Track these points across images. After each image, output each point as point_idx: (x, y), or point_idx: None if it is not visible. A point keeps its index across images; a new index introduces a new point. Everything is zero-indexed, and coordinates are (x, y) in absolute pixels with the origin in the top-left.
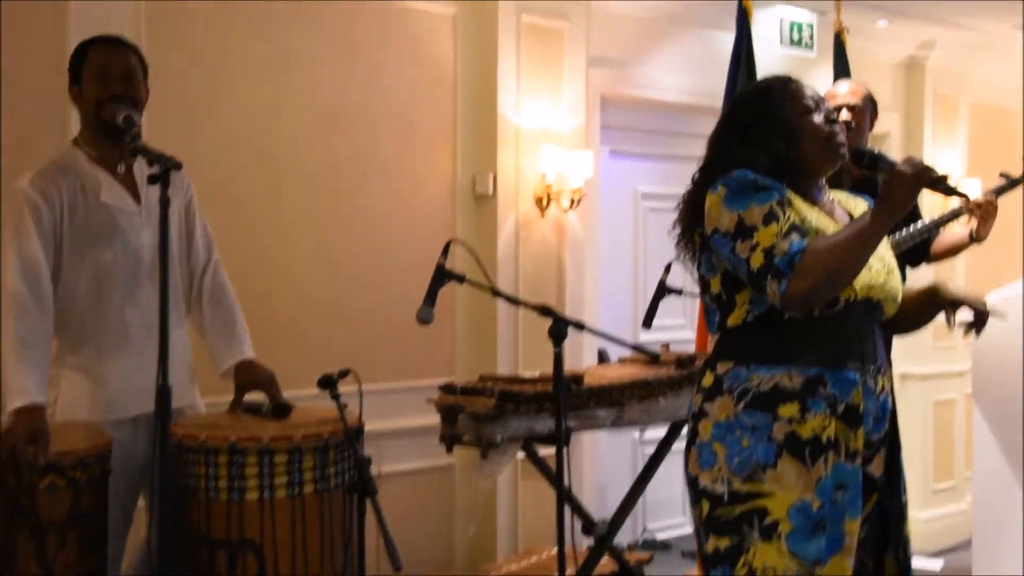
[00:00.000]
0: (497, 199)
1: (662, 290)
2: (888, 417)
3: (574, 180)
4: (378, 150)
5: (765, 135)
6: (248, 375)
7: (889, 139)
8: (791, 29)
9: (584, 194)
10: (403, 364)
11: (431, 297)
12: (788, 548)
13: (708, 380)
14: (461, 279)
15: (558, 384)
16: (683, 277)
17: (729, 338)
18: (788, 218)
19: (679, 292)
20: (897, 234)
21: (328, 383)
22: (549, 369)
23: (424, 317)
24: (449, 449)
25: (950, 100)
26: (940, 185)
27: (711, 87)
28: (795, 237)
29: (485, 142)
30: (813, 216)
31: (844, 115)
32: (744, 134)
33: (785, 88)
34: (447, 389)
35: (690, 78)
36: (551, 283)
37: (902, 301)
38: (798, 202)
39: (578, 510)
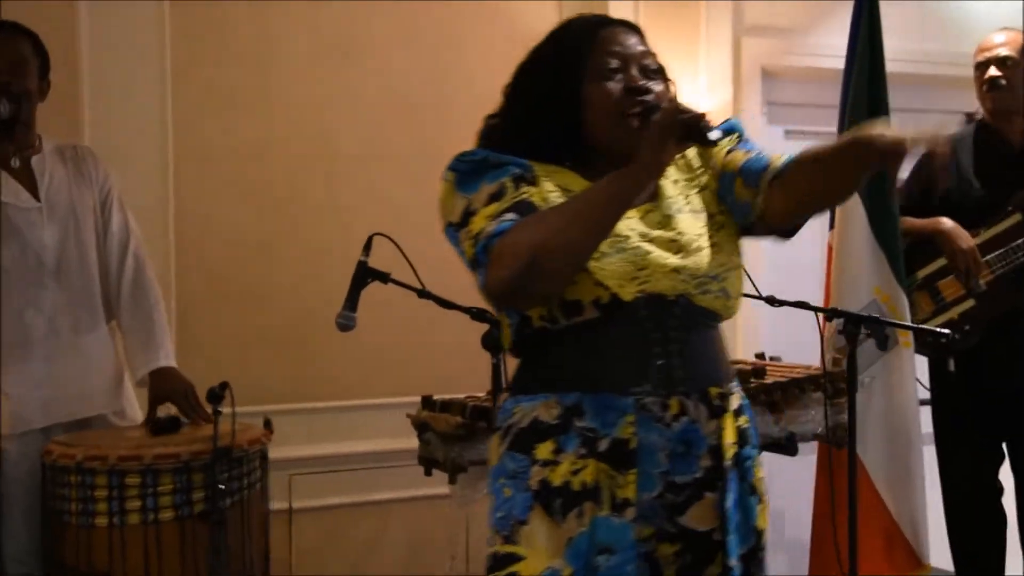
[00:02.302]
0: None
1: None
2: (709, 452)
3: None
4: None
5: (543, 100)
6: (159, 385)
7: None
8: None
9: None
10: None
11: (351, 301)
12: None
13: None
14: (385, 278)
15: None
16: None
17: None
18: (520, 196)
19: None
20: None
21: (213, 397)
22: None
23: (344, 323)
24: (427, 472)
25: None
26: (694, 133)
27: (922, 50)
28: (510, 216)
29: None
30: None
31: (992, 71)
32: (524, 97)
33: (585, 36)
34: (426, 403)
35: (889, 40)
36: None
37: (818, 162)
38: (574, 181)
39: None
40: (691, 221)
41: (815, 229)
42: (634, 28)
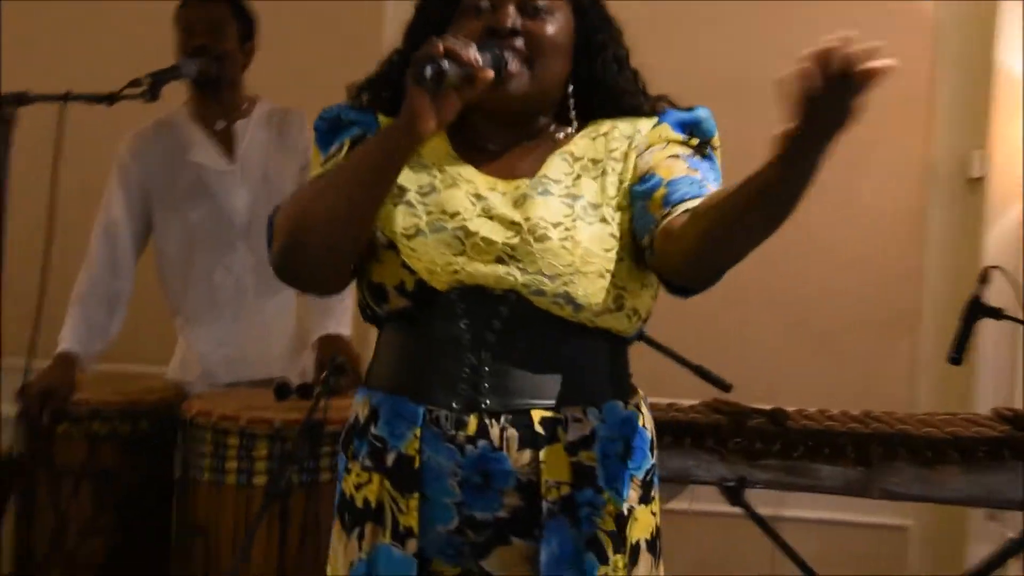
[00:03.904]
0: (988, 184)
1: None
2: (517, 488)
3: None
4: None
5: (414, 46)
6: (321, 351)
7: None
8: None
9: None
10: (842, 394)
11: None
12: None
13: None
14: (998, 314)
15: None
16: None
17: None
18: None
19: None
20: None
21: (335, 371)
22: None
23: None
24: None
25: None
26: (425, 82)
27: None
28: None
29: (975, 105)
30: (453, 174)
31: None
32: (402, 41)
33: None
34: None
35: None
36: None
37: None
38: (432, 153)
39: None
40: (556, 206)
41: None
42: None
